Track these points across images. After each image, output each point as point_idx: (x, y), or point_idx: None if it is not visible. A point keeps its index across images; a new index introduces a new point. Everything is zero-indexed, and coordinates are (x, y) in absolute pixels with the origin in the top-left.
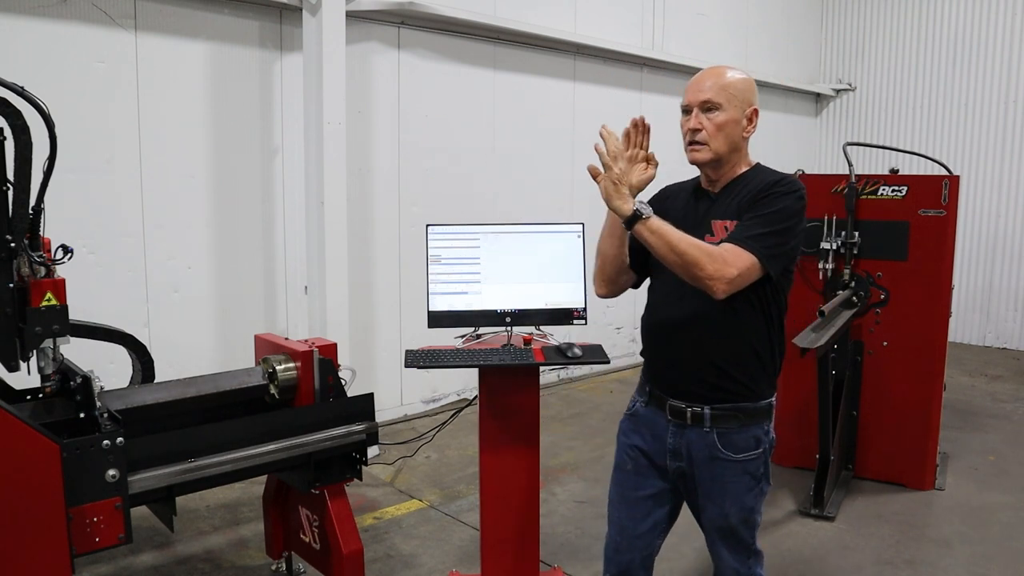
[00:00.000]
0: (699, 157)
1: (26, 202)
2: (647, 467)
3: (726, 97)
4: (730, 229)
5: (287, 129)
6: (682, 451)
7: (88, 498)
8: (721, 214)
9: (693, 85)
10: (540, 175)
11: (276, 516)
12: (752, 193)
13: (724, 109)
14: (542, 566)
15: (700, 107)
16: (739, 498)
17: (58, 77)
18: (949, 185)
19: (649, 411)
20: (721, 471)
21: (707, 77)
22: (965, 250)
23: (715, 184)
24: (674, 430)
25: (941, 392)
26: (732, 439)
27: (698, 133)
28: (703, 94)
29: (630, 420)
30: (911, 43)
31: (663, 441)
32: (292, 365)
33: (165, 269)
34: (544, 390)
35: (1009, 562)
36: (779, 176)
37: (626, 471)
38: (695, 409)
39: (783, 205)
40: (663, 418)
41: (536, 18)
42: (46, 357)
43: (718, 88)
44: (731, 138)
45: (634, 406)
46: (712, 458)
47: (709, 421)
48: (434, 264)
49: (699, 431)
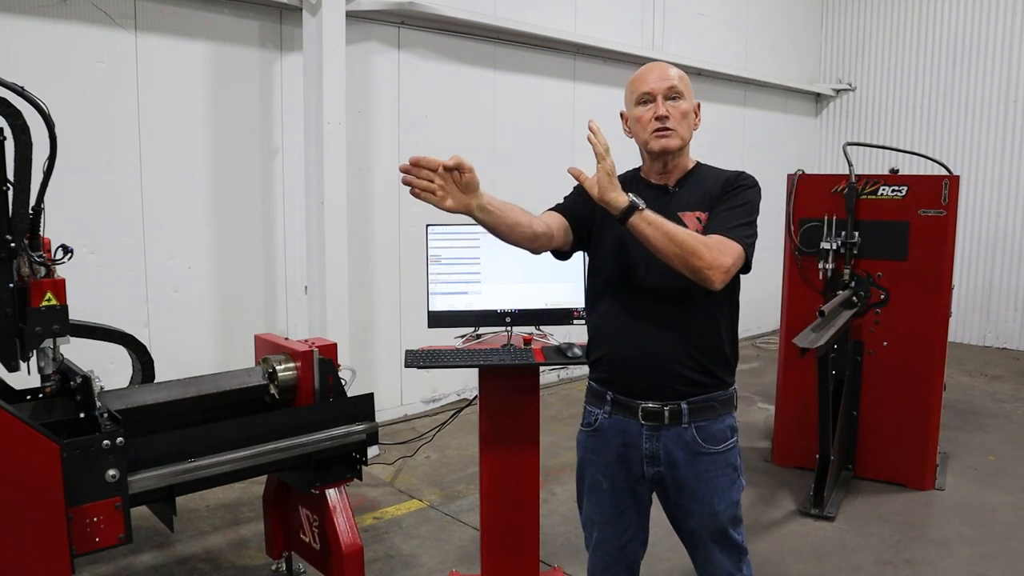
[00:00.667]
0: (671, 144)
1: (26, 202)
2: (623, 481)
3: (685, 87)
4: (703, 220)
5: (287, 129)
6: (659, 454)
7: (88, 498)
8: (688, 206)
9: (653, 75)
10: (540, 175)
11: (276, 516)
12: (719, 185)
13: (685, 98)
14: (542, 566)
15: (666, 94)
16: (726, 494)
17: (58, 77)
18: (949, 185)
19: (615, 420)
20: (705, 467)
21: (665, 67)
22: (965, 250)
23: (667, 177)
24: (648, 434)
25: (941, 392)
26: (710, 431)
27: (667, 120)
28: (666, 82)
29: (593, 437)
30: (911, 43)
31: (638, 448)
32: (292, 365)
33: (165, 269)
34: (544, 390)
35: (1009, 562)
36: (736, 171)
37: (602, 490)
38: (672, 407)
39: (751, 198)
40: (634, 424)
41: (536, 18)
42: (46, 357)
43: (679, 77)
44: (690, 128)
45: (595, 420)
46: (694, 454)
47: (688, 416)
48: (434, 264)
49: (677, 430)
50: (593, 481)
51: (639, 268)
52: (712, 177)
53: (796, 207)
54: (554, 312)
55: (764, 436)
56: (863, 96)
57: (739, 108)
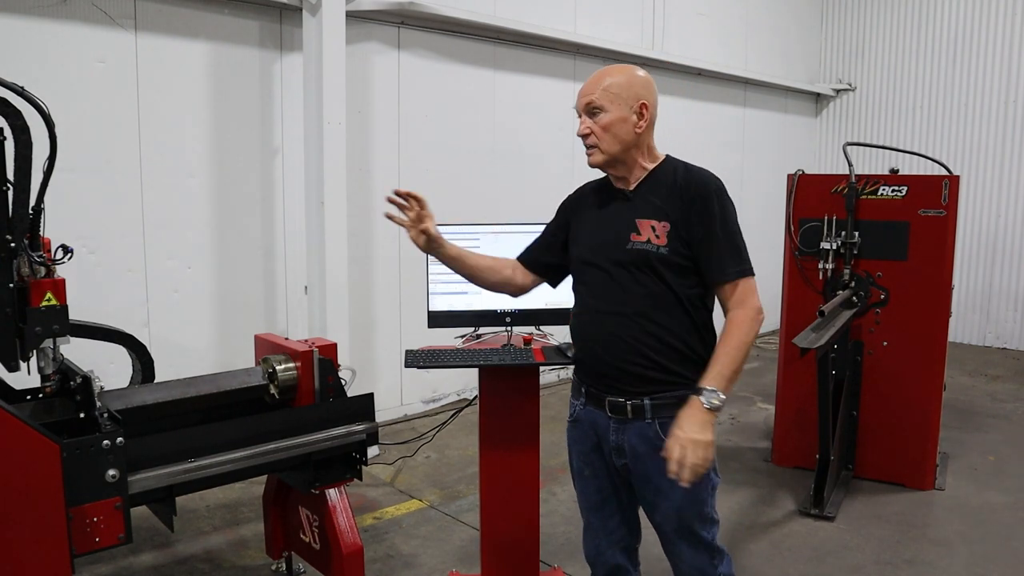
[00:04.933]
0: (593, 161)
1: (26, 202)
2: (603, 468)
3: (608, 98)
4: (657, 229)
5: (287, 129)
6: (624, 447)
7: (88, 498)
8: (645, 213)
9: (583, 89)
10: (540, 175)
11: (276, 516)
12: (677, 191)
13: (607, 110)
14: (542, 566)
15: (585, 111)
16: (692, 491)
17: (58, 77)
18: (949, 185)
19: (588, 411)
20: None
21: (590, 82)
22: (965, 250)
23: (627, 182)
24: (615, 426)
25: (941, 392)
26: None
27: (587, 137)
28: (585, 98)
29: (574, 427)
30: (911, 43)
31: (607, 440)
32: (292, 365)
33: (165, 269)
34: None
35: (1009, 562)
36: (700, 171)
37: (584, 477)
38: (635, 402)
39: (727, 209)
40: (603, 417)
41: (536, 18)
42: (46, 357)
43: (600, 91)
44: (620, 137)
45: (574, 412)
46: (656, 449)
47: (650, 412)
48: (434, 264)
49: (640, 424)
50: (577, 469)
51: (601, 276)
52: (672, 178)
53: (796, 207)
54: (554, 312)
55: (764, 436)
56: (863, 96)
57: (739, 108)
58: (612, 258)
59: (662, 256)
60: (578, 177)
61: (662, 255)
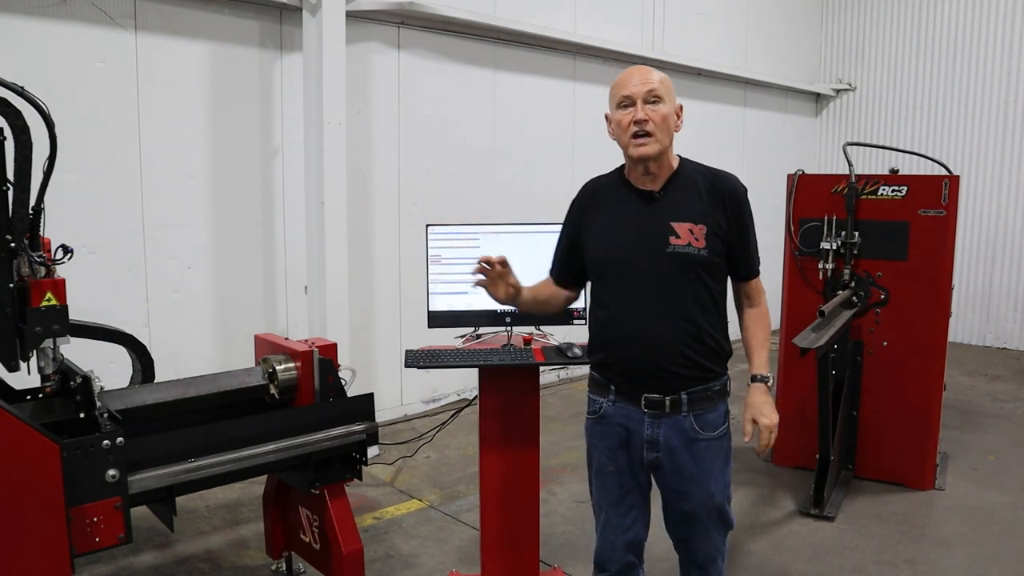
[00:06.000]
0: (648, 151)
1: (26, 202)
2: (626, 465)
3: (665, 90)
4: (695, 232)
5: (287, 129)
6: (659, 440)
7: (88, 498)
8: (679, 216)
9: (634, 78)
10: (540, 175)
11: (276, 516)
12: (711, 194)
13: (665, 102)
14: (542, 566)
15: (645, 98)
16: (722, 475)
17: (58, 77)
18: (949, 185)
19: (619, 408)
20: (702, 452)
21: (646, 71)
22: (965, 250)
23: (655, 180)
24: (650, 421)
25: (941, 392)
26: (707, 419)
27: (646, 124)
28: (646, 85)
29: (599, 424)
30: (911, 43)
31: (639, 434)
32: (292, 365)
33: (165, 269)
34: (544, 390)
35: (1009, 562)
36: (726, 174)
37: (608, 473)
38: (673, 397)
39: (751, 211)
40: (637, 411)
41: (536, 18)
42: (46, 357)
43: (660, 80)
44: (670, 132)
45: (599, 408)
46: (692, 440)
47: (687, 406)
48: (434, 264)
49: (676, 418)
50: (599, 466)
51: (637, 277)
52: (699, 179)
53: (796, 207)
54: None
55: None
56: (863, 96)
57: (739, 108)
58: (650, 259)
59: (703, 259)
60: (578, 176)
61: (703, 257)
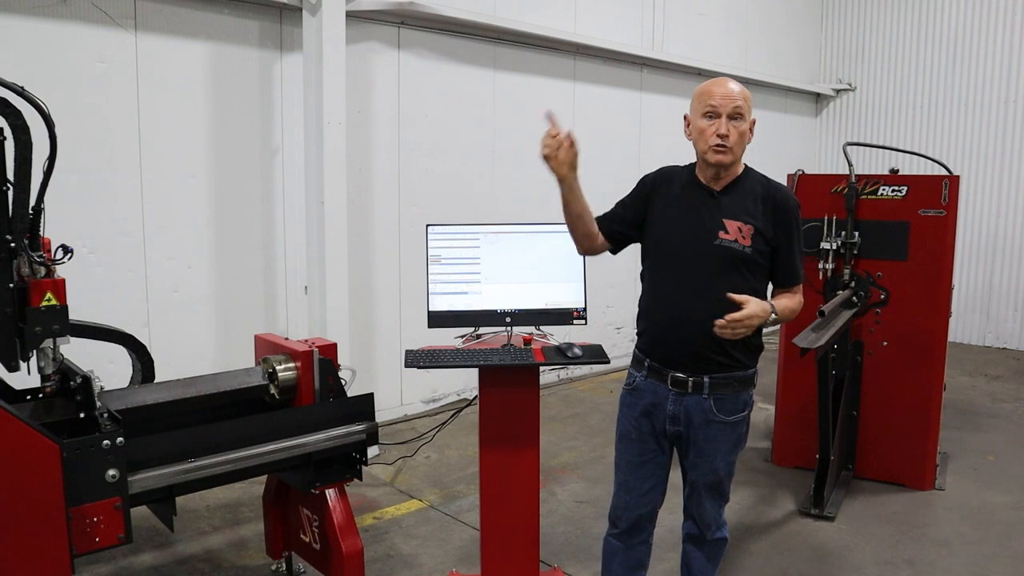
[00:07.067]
0: (724, 160)
1: (26, 202)
2: (649, 434)
3: (747, 108)
4: (743, 231)
5: (287, 129)
6: (680, 416)
7: (88, 498)
8: (732, 214)
9: (721, 91)
10: (540, 175)
11: (276, 516)
12: (765, 201)
13: (745, 119)
14: (542, 566)
15: (731, 114)
16: (727, 456)
17: (58, 77)
18: (949, 185)
19: (649, 383)
20: (715, 432)
21: (733, 86)
22: (965, 250)
23: (718, 181)
24: (674, 398)
25: (941, 392)
26: (725, 404)
27: (726, 139)
28: (735, 102)
29: (631, 394)
30: (911, 43)
31: (663, 408)
32: (292, 365)
33: (165, 269)
34: (544, 390)
35: (1009, 562)
36: (783, 187)
37: (631, 439)
38: (696, 379)
39: (802, 226)
40: (664, 388)
41: (536, 18)
42: (46, 357)
43: (744, 98)
44: (744, 145)
45: (633, 381)
46: (708, 421)
47: (708, 389)
48: (434, 264)
49: (698, 398)
50: (623, 431)
51: (687, 265)
52: (758, 187)
53: None
54: (554, 312)
55: (764, 436)
56: (863, 96)
57: None
58: (699, 250)
59: (745, 255)
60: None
61: (746, 254)
